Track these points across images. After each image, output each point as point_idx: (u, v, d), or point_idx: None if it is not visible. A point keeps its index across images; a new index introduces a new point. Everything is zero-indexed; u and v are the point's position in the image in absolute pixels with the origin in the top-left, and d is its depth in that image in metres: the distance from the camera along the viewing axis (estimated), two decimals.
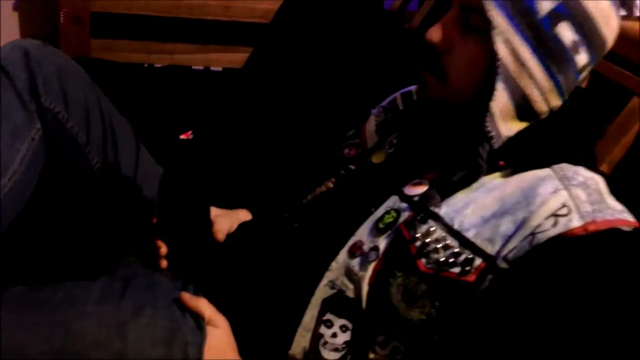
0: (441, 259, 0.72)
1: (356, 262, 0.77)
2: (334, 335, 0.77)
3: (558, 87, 0.74)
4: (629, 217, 0.71)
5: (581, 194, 0.70)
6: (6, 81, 0.86)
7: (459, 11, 0.75)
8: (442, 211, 0.75)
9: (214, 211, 0.96)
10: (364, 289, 0.76)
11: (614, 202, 0.72)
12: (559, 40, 0.72)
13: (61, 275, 0.83)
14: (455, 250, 0.72)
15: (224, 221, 0.97)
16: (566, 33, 0.72)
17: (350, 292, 0.77)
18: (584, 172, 0.74)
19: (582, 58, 0.74)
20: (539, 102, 0.74)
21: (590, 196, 0.70)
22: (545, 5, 0.71)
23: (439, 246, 0.73)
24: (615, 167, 0.90)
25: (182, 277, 0.88)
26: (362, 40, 1.54)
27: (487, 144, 0.74)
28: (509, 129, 0.74)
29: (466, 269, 0.71)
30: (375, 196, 0.81)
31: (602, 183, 0.74)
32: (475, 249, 0.71)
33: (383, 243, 0.76)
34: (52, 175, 0.91)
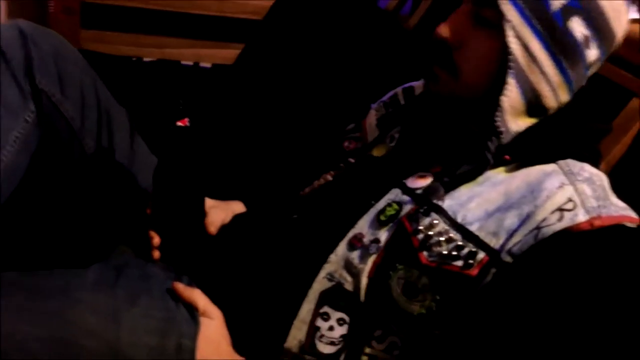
0: (444, 252, 0.72)
1: (356, 255, 0.76)
2: (330, 328, 0.76)
3: (568, 82, 0.75)
4: (632, 214, 0.71)
5: (587, 189, 0.71)
6: (2, 62, 0.84)
7: (472, 5, 0.75)
8: (445, 204, 0.75)
9: (207, 202, 0.95)
10: (363, 281, 0.75)
11: (616, 200, 0.72)
12: (571, 34, 0.72)
13: (53, 261, 0.82)
14: (459, 244, 0.72)
15: (218, 212, 0.96)
16: (578, 28, 0.72)
17: (348, 284, 0.76)
18: (590, 169, 0.74)
19: (592, 53, 0.74)
20: (549, 98, 0.74)
21: (595, 192, 0.71)
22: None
23: (442, 239, 0.72)
24: (614, 168, 0.90)
25: (175, 268, 0.87)
26: (356, 35, 1.54)
27: (496, 138, 0.74)
28: (517, 124, 0.75)
29: (469, 262, 0.70)
30: (375, 189, 0.81)
31: (605, 180, 0.74)
32: (479, 242, 0.71)
33: (384, 235, 0.76)
34: (45, 158, 0.89)
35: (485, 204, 0.73)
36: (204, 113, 1.51)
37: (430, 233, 0.73)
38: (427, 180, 0.78)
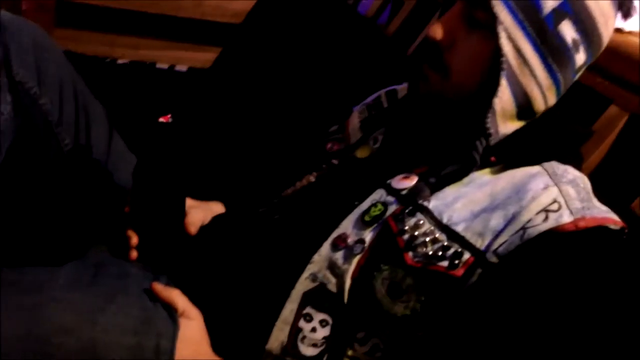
0: (429, 253, 0.72)
1: (340, 255, 0.76)
2: (313, 329, 0.75)
3: (557, 86, 0.75)
4: (615, 216, 0.72)
5: (571, 191, 0.71)
6: None
7: (464, 6, 0.76)
8: (431, 205, 0.74)
9: (187, 202, 0.93)
10: (346, 282, 0.74)
11: (598, 203, 0.73)
12: (561, 38, 0.73)
13: (28, 258, 0.79)
14: (444, 244, 0.72)
15: (198, 212, 0.94)
16: (568, 31, 0.73)
17: (332, 285, 0.75)
18: (573, 171, 0.75)
19: (580, 57, 0.75)
20: (538, 101, 0.75)
21: (579, 194, 0.71)
22: (550, 2, 0.71)
23: (427, 239, 0.72)
24: (592, 173, 0.91)
25: (153, 268, 0.85)
26: (337, 37, 1.55)
27: (484, 139, 0.75)
28: (507, 127, 0.75)
29: (455, 262, 0.70)
30: (359, 190, 0.80)
31: (588, 183, 0.75)
32: (464, 243, 0.71)
33: (369, 236, 0.75)
34: (21, 152, 0.87)
35: (470, 204, 0.73)
36: (184, 114, 1.49)
37: (416, 233, 0.73)
38: (412, 181, 0.78)
